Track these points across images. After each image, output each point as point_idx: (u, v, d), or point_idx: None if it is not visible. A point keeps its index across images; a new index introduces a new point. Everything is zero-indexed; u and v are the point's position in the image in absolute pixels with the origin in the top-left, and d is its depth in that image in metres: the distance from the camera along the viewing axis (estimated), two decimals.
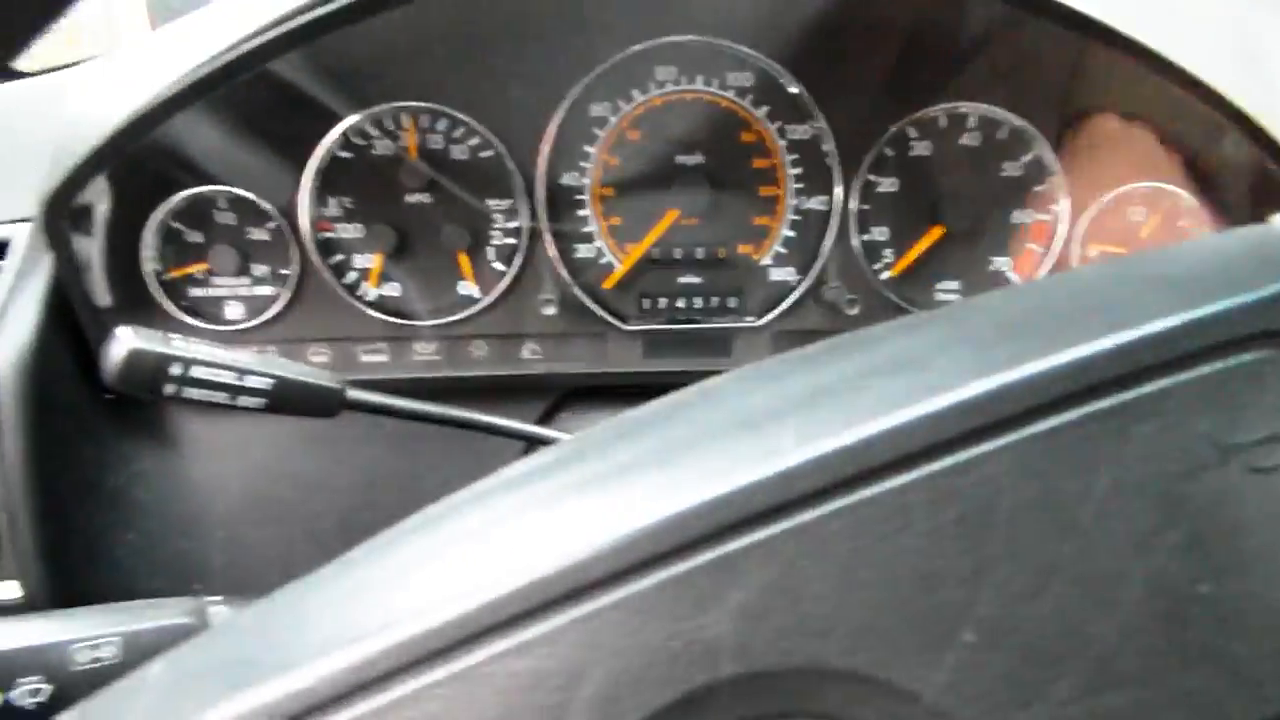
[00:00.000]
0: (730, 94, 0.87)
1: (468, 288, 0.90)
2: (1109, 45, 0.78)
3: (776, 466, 0.33)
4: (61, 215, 0.77)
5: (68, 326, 0.83)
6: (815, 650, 0.33)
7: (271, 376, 0.60)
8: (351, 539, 0.96)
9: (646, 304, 0.92)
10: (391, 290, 0.90)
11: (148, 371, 0.55)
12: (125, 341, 0.55)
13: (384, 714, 0.33)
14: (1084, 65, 0.85)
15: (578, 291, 0.89)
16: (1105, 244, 0.89)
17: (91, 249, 0.81)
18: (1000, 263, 0.91)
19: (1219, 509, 0.33)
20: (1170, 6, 0.88)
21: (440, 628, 0.33)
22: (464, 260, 0.89)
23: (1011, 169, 0.88)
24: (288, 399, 0.61)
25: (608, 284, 0.90)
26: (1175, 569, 0.33)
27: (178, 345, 0.57)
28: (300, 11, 0.72)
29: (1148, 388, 0.34)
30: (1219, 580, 0.33)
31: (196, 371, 0.56)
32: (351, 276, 0.89)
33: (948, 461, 0.33)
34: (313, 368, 0.64)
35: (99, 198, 0.79)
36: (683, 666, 0.33)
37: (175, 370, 0.56)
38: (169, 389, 0.56)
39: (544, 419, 0.95)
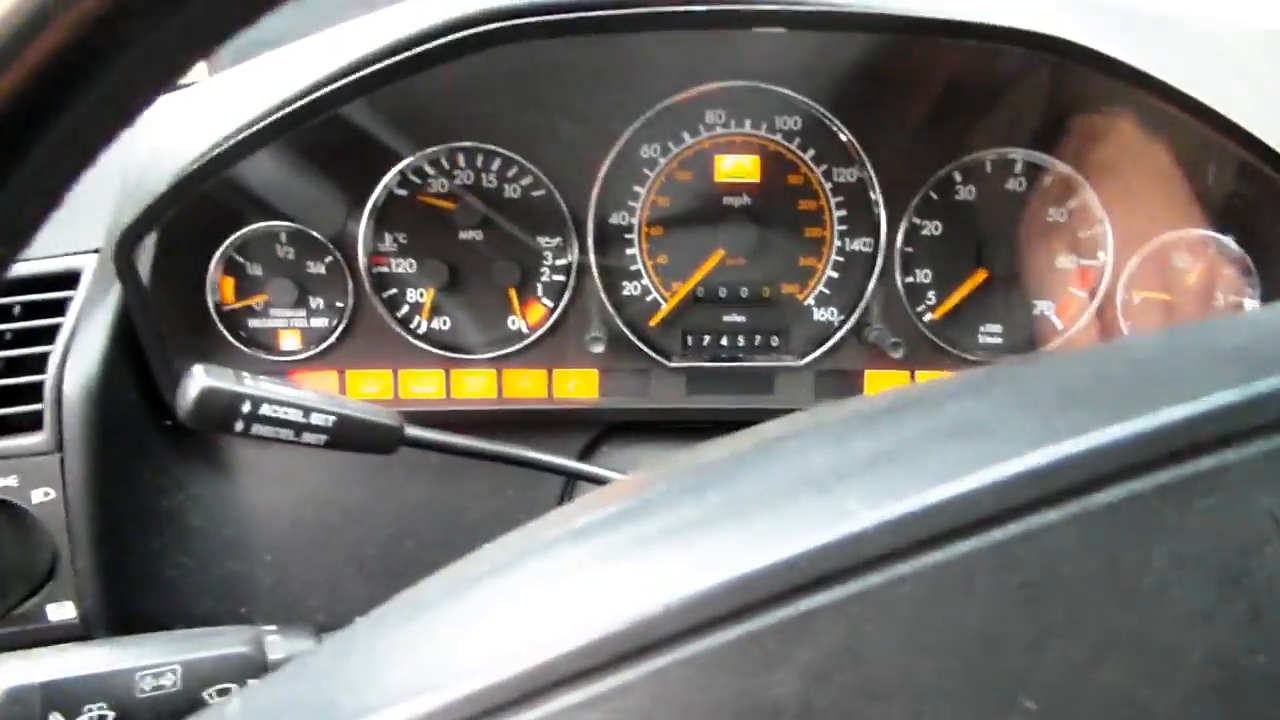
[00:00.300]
0: (778, 137, 0.88)
1: (516, 322, 0.92)
2: (1151, 92, 0.79)
3: (846, 530, 0.34)
4: (133, 250, 0.79)
5: (131, 355, 0.86)
6: (879, 713, 0.34)
7: (334, 414, 0.62)
8: (394, 567, 0.98)
9: (690, 341, 0.93)
10: (442, 324, 0.92)
11: (220, 409, 0.57)
12: (199, 380, 0.57)
13: None
14: (1130, 112, 0.86)
15: (623, 328, 0.91)
16: (1149, 290, 0.89)
17: (158, 281, 0.83)
18: (1043, 307, 0.91)
19: (1279, 583, 0.34)
20: (1215, 55, 0.89)
21: (510, 681, 0.35)
22: (513, 296, 0.91)
23: (1056, 214, 0.89)
24: (349, 436, 0.63)
25: (653, 321, 0.92)
26: (1234, 642, 0.34)
27: (248, 384, 0.59)
28: (374, 59, 0.74)
29: (1209, 461, 0.34)
30: (1278, 653, 0.34)
31: (265, 410, 0.58)
32: (404, 310, 0.91)
33: (1012, 529, 0.34)
34: (373, 405, 0.66)
35: (167, 232, 0.82)
36: None
37: (245, 408, 0.58)
38: (239, 425, 0.58)
39: (586, 452, 0.96)
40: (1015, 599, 0.34)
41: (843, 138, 0.87)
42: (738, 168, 0.89)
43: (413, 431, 0.66)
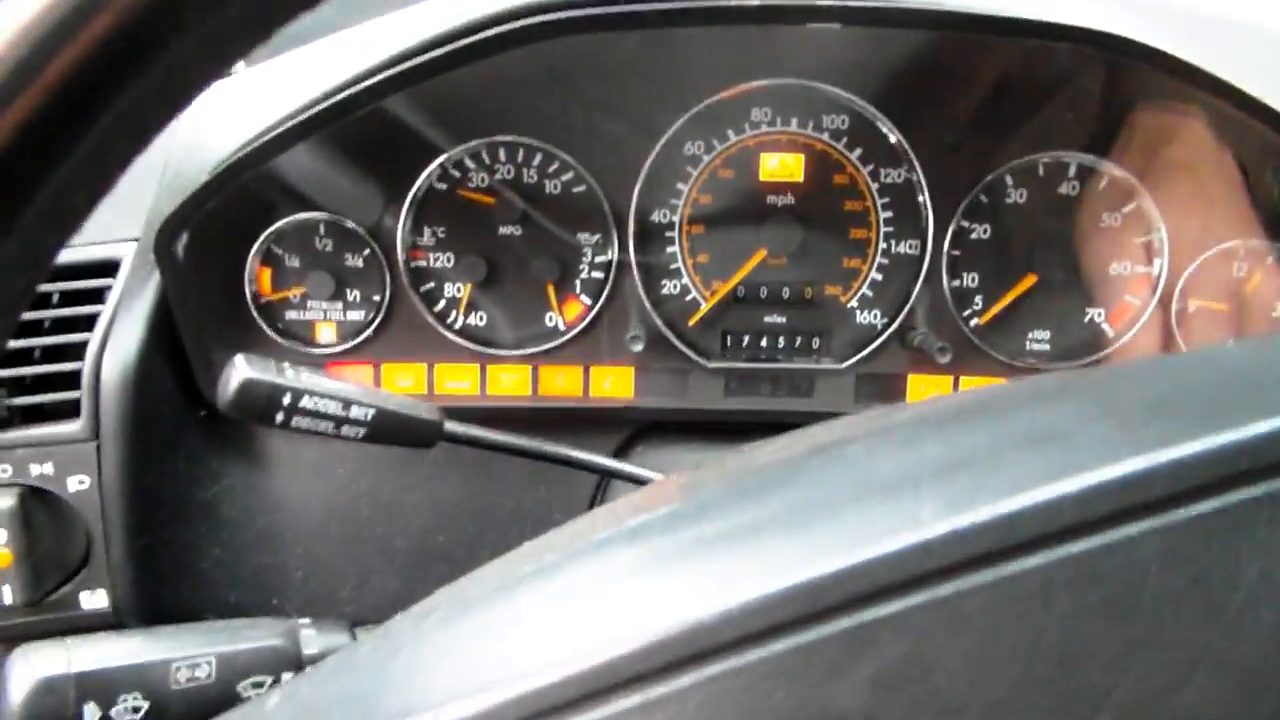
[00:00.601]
0: (825, 136, 0.87)
1: (554, 319, 0.91)
2: (1211, 93, 0.77)
3: (916, 538, 0.33)
4: (173, 240, 0.79)
5: (168, 345, 0.86)
6: None
7: (374, 408, 0.61)
8: (426, 562, 0.97)
9: (730, 341, 0.92)
10: (479, 319, 0.91)
11: (261, 400, 0.56)
12: (241, 370, 0.56)
13: None
14: (1188, 115, 0.84)
15: (662, 327, 0.90)
16: (1205, 300, 0.87)
17: (197, 272, 0.83)
18: (1094, 314, 0.89)
19: None
20: (1276, 57, 0.86)
21: (562, 683, 0.33)
22: (551, 292, 0.90)
23: (1110, 219, 0.87)
24: (388, 430, 0.62)
25: (692, 320, 0.91)
26: None
27: (289, 375, 0.58)
28: (415, 53, 0.73)
29: None
30: None
31: (306, 402, 0.57)
32: (441, 304, 0.90)
33: (1094, 542, 0.32)
34: (412, 399, 0.65)
35: (207, 223, 0.81)
36: None
37: (286, 400, 0.57)
38: (279, 417, 0.57)
39: (620, 452, 0.95)
40: (1096, 614, 0.32)
41: (891, 138, 0.86)
42: (782, 166, 0.87)
43: (452, 426, 0.65)
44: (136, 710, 0.59)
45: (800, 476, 0.39)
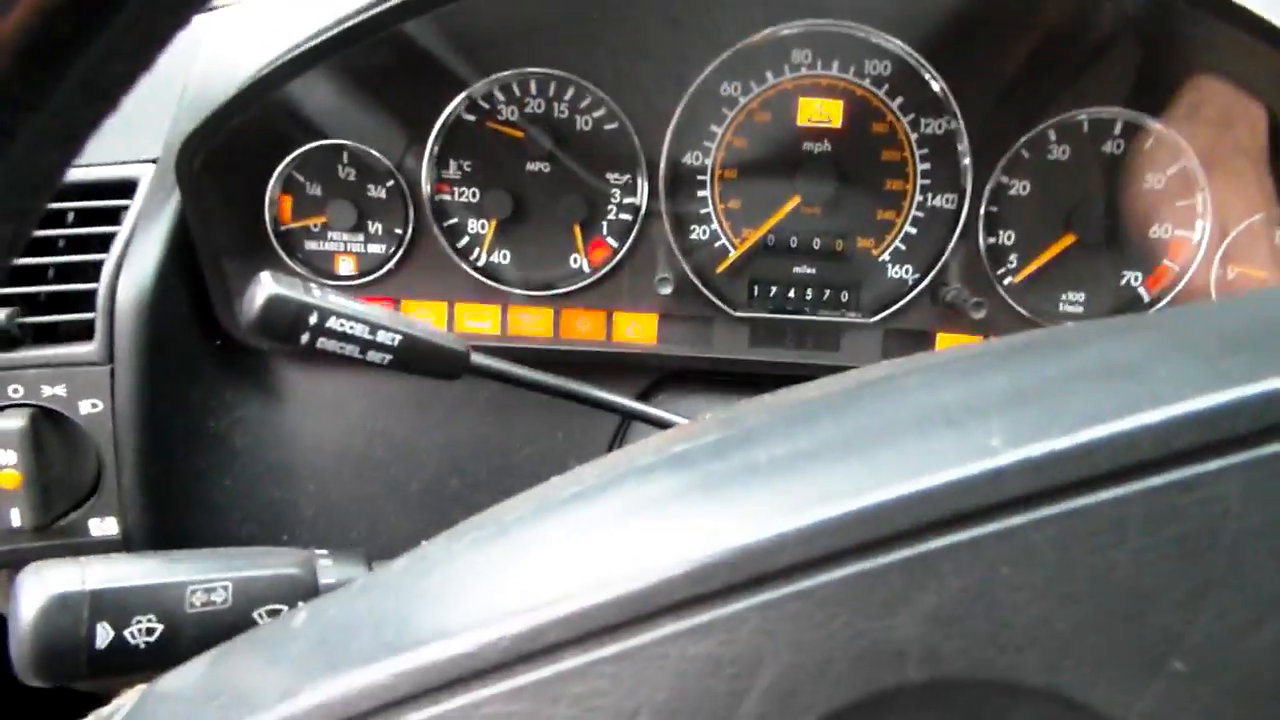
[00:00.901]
0: (866, 83, 0.84)
1: (579, 260, 0.89)
2: (1271, 43, 0.74)
3: (985, 466, 0.31)
4: (194, 158, 0.77)
5: (185, 270, 0.84)
6: (1011, 664, 0.31)
7: (401, 334, 0.59)
8: (439, 504, 0.96)
9: (757, 291, 0.90)
10: (502, 257, 0.89)
11: (287, 318, 0.55)
12: (267, 287, 0.55)
13: (549, 686, 0.32)
14: (1241, 73, 0.81)
15: (689, 273, 0.88)
16: (1246, 266, 0.85)
17: (217, 195, 0.81)
18: (1131, 277, 0.87)
19: None
20: None
21: (610, 604, 0.32)
22: (578, 233, 0.88)
23: (1154, 181, 0.84)
24: (414, 358, 0.60)
25: (720, 268, 0.89)
26: None
27: (316, 294, 0.56)
28: None
29: None
30: None
31: (332, 323, 0.56)
32: (464, 241, 0.88)
33: (1171, 476, 0.31)
34: (439, 330, 0.63)
35: (229, 145, 0.79)
36: (866, 667, 0.32)
37: (313, 319, 0.55)
38: (304, 338, 0.56)
39: (640, 399, 0.94)
40: (1170, 552, 0.31)
41: (935, 86, 0.83)
42: (821, 111, 0.85)
43: (479, 359, 0.64)
44: (150, 632, 0.58)
45: (856, 406, 0.38)
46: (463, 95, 0.84)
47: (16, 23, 0.30)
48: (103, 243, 0.83)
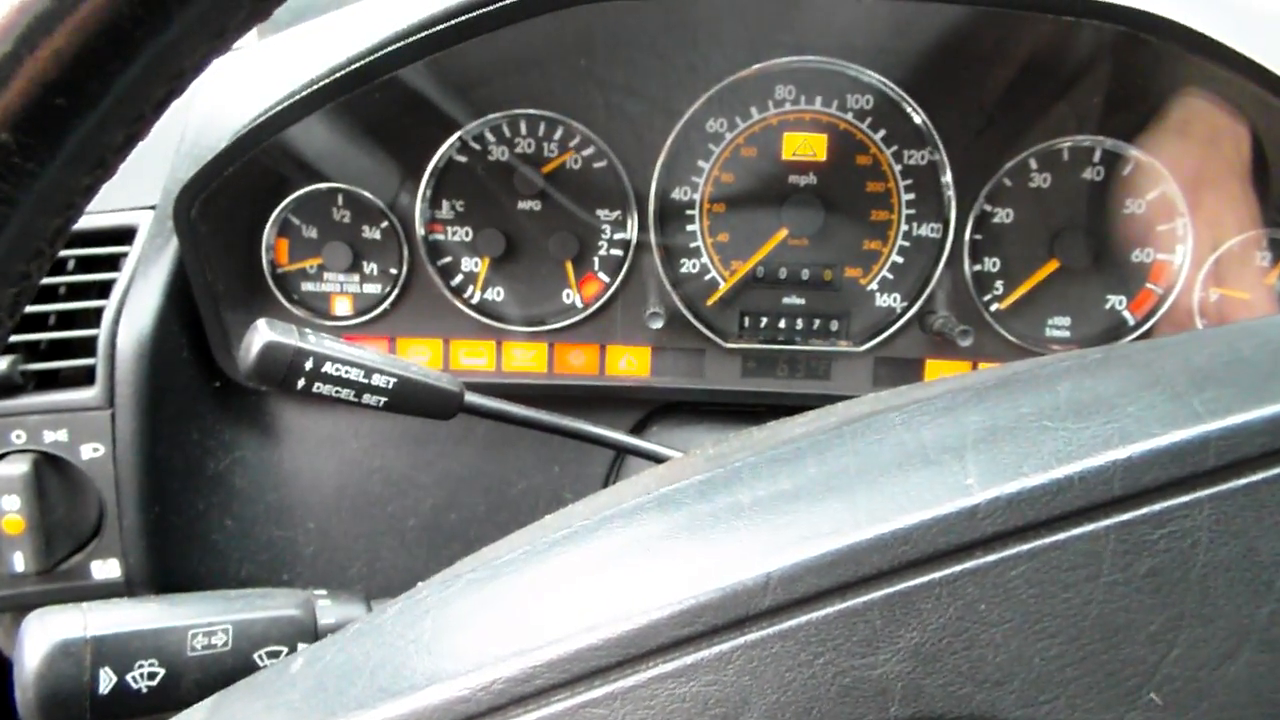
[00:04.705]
0: (849, 116, 0.86)
1: (571, 296, 0.90)
2: (1241, 73, 0.76)
3: (961, 504, 0.32)
4: (191, 205, 0.78)
5: (183, 314, 0.85)
6: (990, 699, 0.32)
7: (396, 376, 0.60)
8: (437, 540, 0.97)
9: (748, 322, 0.91)
10: (496, 294, 0.90)
11: (283, 365, 0.56)
12: (263, 334, 0.56)
13: None
14: (1216, 100, 0.83)
15: (680, 306, 0.89)
16: (1228, 289, 0.86)
17: (214, 239, 0.82)
18: (1115, 301, 0.88)
19: None
20: None
21: (599, 647, 0.33)
22: (570, 269, 0.89)
23: (1135, 206, 0.86)
24: (408, 399, 0.61)
25: (710, 300, 0.90)
26: None
27: (311, 340, 0.57)
28: (432, 22, 0.72)
29: None
30: None
31: (328, 368, 0.57)
32: (458, 279, 0.90)
33: (1142, 511, 0.32)
34: (433, 370, 0.64)
35: (225, 191, 0.81)
36: (850, 705, 0.32)
37: (308, 365, 0.56)
38: (300, 383, 0.57)
39: (635, 432, 0.95)
40: (1143, 585, 0.32)
41: (916, 119, 0.85)
42: (806, 145, 0.86)
43: (473, 399, 0.65)
44: (153, 676, 0.58)
45: (836, 445, 0.39)
46: (454, 137, 0.85)
47: (15, 95, 0.31)
48: (102, 289, 0.84)
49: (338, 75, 0.77)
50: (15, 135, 0.31)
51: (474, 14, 0.76)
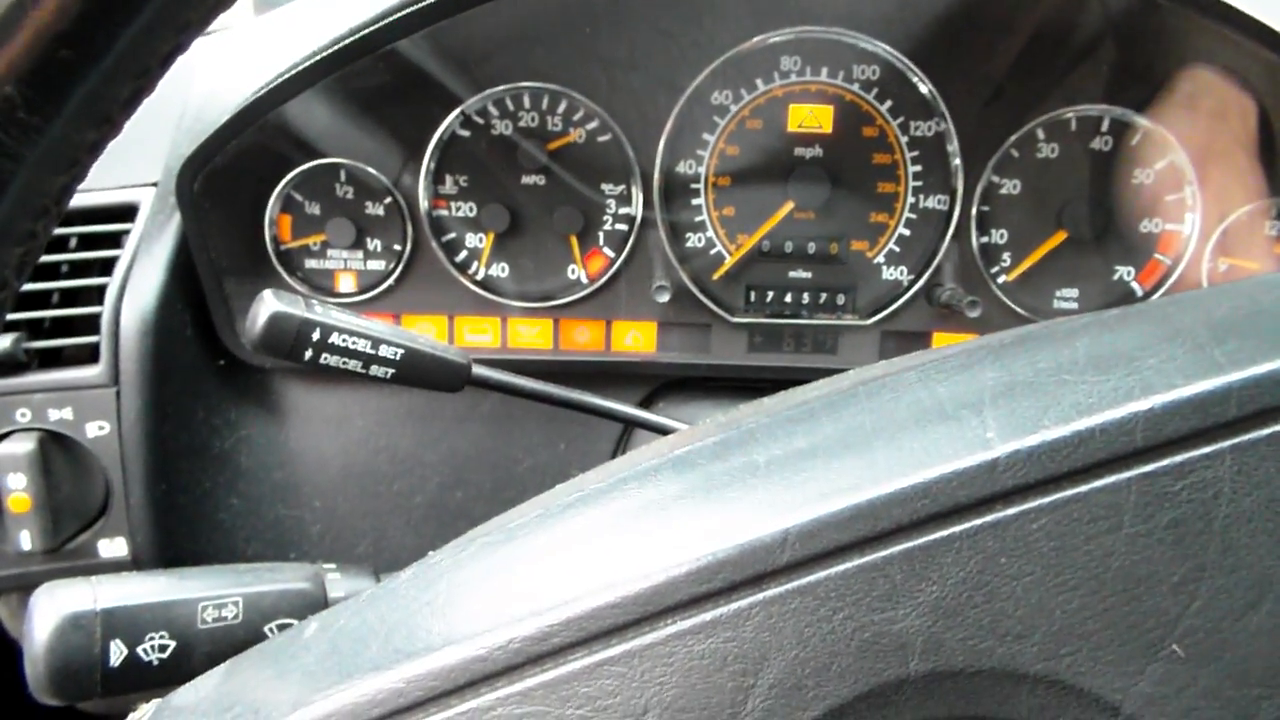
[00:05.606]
0: (855, 88, 0.85)
1: (576, 271, 0.90)
2: (1251, 37, 0.75)
3: (981, 458, 0.32)
4: (194, 180, 0.78)
5: (187, 291, 0.85)
6: (1011, 653, 0.32)
7: (403, 347, 0.60)
8: (444, 518, 0.97)
9: (754, 297, 0.91)
10: (500, 270, 0.90)
11: (290, 336, 0.55)
12: (270, 304, 0.55)
13: (558, 687, 0.32)
14: (1225, 68, 0.82)
15: (686, 280, 0.89)
16: (1237, 258, 0.86)
17: (217, 216, 0.82)
18: (1123, 272, 0.88)
19: None
20: None
21: (617, 605, 0.33)
22: (575, 244, 0.89)
23: (1143, 176, 0.85)
24: (416, 371, 0.61)
25: (716, 275, 0.89)
26: None
27: (318, 311, 0.57)
28: None
29: None
30: None
31: (335, 339, 0.56)
32: (462, 255, 0.89)
33: (1164, 463, 0.32)
34: (441, 342, 0.64)
35: (227, 167, 0.80)
36: (870, 660, 0.32)
37: (315, 336, 0.56)
38: (307, 354, 0.56)
39: (641, 407, 0.94)
40: (1164, 537, 0.32)
41: (922, 89, 0.84)
42: (811, 117, 0.86)
43: (480, 371, 0.64)
44: (163, 649, 0.58)
45: (852, 404, 0.38)
46: (457, 111, 0.85)
47: (20, 48, 0.30)
48: (105, 267, 0.83)
49: (337, 47, 0.76)
50: (20, 89, 0.31)
51: None
